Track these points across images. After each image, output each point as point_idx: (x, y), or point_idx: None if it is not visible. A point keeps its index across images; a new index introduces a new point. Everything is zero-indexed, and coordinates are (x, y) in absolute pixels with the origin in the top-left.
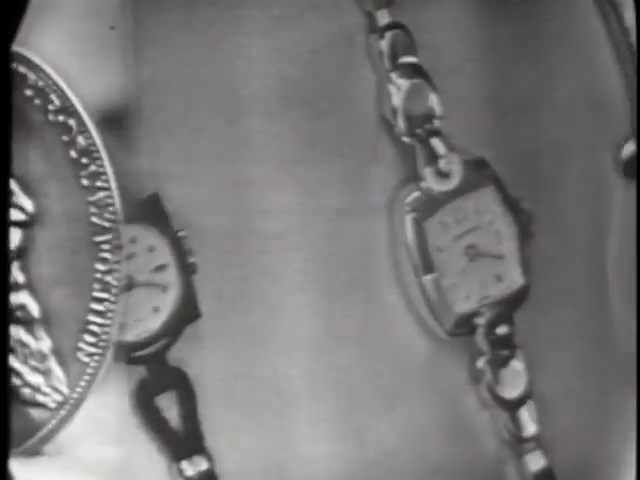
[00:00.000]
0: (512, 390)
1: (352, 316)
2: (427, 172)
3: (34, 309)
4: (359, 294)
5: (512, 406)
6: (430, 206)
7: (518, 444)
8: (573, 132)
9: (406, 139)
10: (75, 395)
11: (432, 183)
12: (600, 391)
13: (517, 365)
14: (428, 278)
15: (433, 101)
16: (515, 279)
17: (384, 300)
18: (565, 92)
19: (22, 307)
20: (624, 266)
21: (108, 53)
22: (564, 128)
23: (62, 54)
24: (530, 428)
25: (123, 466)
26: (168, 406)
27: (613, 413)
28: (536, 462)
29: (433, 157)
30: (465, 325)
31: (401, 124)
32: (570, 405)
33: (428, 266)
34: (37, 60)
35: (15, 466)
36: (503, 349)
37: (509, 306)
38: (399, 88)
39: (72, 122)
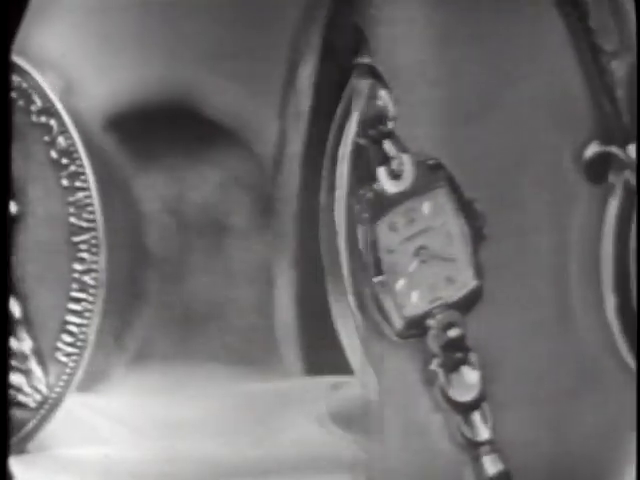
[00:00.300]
0: (465, 393)
1: None
2: (380, 173)
3: (16, 310)
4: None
5: (465, 409)
6: (382, 207)
7: (473, 447)
8: (533, 134)
9: (359, 140)
10: (54, 395)
11: (385, 184)
12: (560, 395)
13: (470, 368)
14: (378, 280)
15: (387, 102)
16: (467, 281)
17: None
18: (525, 93)
19: None
20: (587, 269)
21: (113, 53)
22: (524, 130)
23: (65, 53)
24: (484, 431)
25: (112, 466)
26: None
27: (575, 417)
28: (493, 466)
29: (386, 158)
30: (416, 327)
31: (354, 125)
32: (527, 409)
33: (378, 268)
34: (20, 62)
35: (15, 465)
36: (455, 351)
37: (461, 308)
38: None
39: (53, 123)
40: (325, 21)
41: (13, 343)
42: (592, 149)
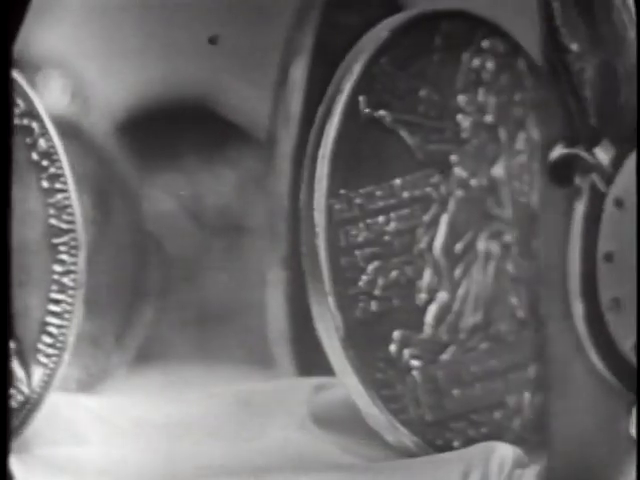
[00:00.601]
0: None
1: None
2: None
3: None
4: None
5: None
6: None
7: None
8: None
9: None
10: (35, 396)
11: None
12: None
13: None
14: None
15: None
16: None
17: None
18: None
19: None
20: (554, 273)
21: (122, 54)
22: None
23: (70, 54)
24: None
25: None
26: None
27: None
28: None
29: None
30: None
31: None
32: None
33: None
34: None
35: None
36: None
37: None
38: None
39: (35, 125)
40: (318, 22)
41: None
42: (557, 151)
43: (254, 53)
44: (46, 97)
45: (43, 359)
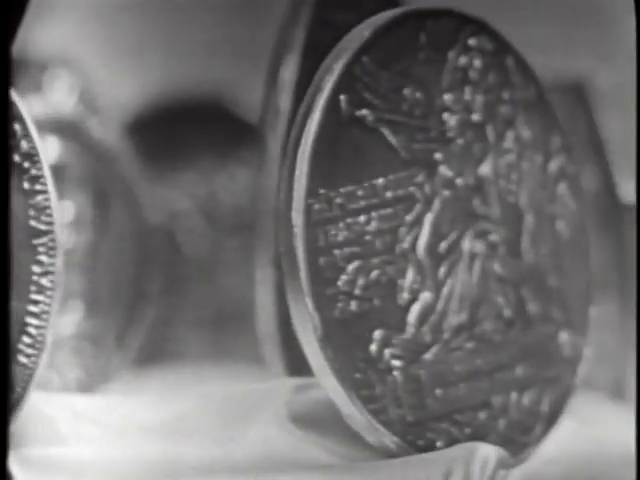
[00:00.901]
0: None
1: None
2: None
3: None
4: None
5: None
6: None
7: None
8: None
9: None
10: (16, 396)
11: None
12: None
13: None
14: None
15: None
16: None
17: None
18: None
19: None
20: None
21: (118, 53)
22: None
23: (73, 53)
24: None
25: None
26: None
27: None
28: None
29: None
30: None
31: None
32: None
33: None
34: None
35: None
36: None
37: None
38: None
39: (17, 127)
40: (309, 19)
41: None
42: None
43: (255, 51)
44: (52, 96)
45: (23, 359)
